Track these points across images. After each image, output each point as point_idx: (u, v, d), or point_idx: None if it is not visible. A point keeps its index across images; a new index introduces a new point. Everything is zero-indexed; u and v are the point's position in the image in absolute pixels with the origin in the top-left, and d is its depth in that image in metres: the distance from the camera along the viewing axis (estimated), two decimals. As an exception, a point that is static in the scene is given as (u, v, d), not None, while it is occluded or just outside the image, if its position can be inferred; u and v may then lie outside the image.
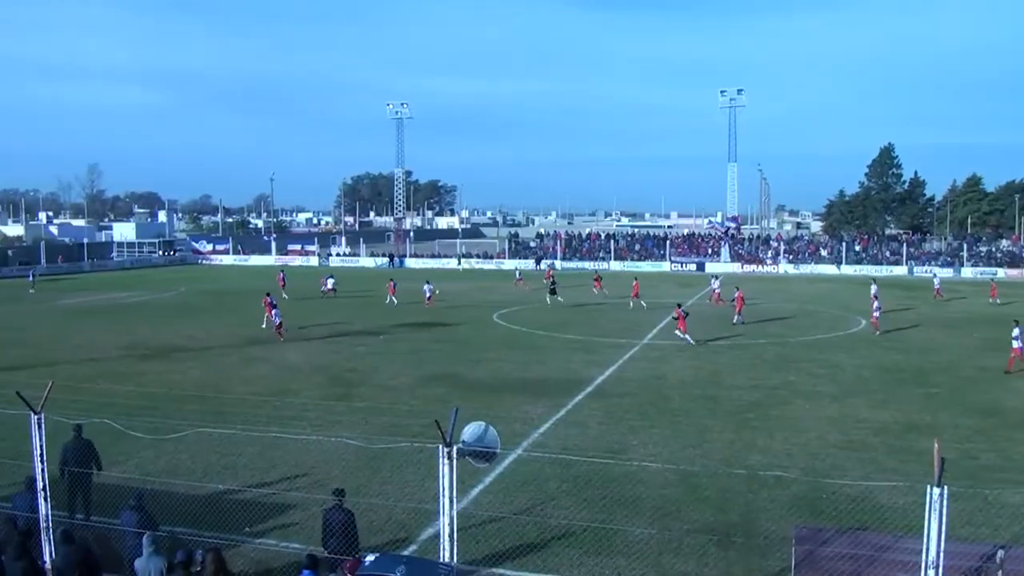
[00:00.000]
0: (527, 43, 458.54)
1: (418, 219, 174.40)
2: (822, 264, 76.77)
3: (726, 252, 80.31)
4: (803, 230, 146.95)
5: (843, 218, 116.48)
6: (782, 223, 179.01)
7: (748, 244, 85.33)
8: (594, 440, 18.16)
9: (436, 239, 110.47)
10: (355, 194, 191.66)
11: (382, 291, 47.16)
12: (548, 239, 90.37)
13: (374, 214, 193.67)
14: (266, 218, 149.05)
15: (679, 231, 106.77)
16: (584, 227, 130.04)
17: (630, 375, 25.81)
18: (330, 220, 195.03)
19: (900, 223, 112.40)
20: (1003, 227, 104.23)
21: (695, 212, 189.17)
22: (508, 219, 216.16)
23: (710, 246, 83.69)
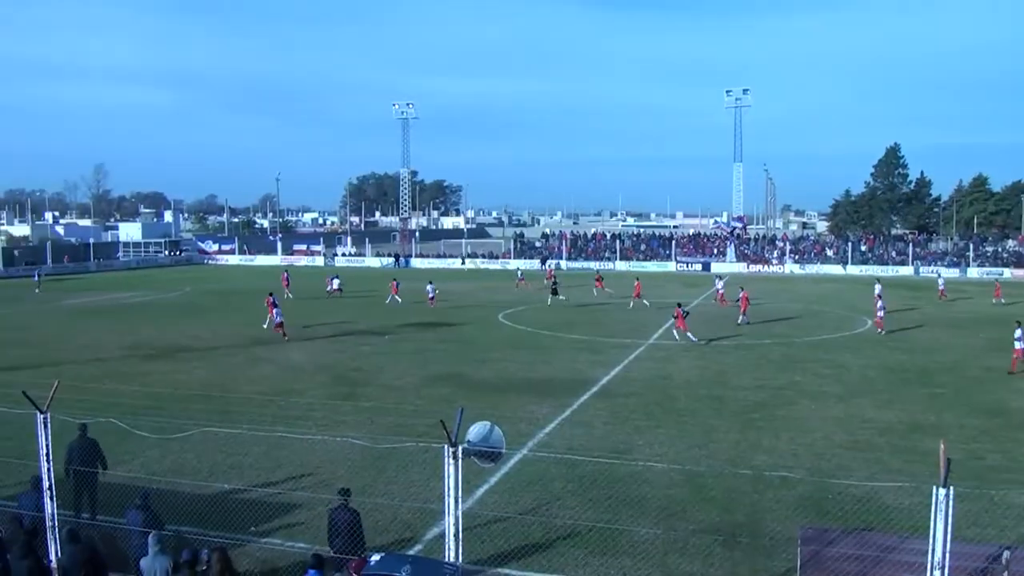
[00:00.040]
0: (528, 43, 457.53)
1: (424, 219, 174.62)
2: (828, 264, 76.65)
3: (732, 252, 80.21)
4: (809, 230, 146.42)
5: (849, 218, 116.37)
6: (788, 223, 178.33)
7: (754, 244, 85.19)
8: (599, 440, 18.15)
9: (442, 239, 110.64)
10: (360, 194, 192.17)
11: (386, 291, 47.21)
12: (553, 239, 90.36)
13: (380, 214, 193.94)
14: (272, 218, 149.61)
15: (685, 231, 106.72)
16: (589, 227, 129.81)
17: (636, 375, 25.79)
18: (336, 220, 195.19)
19: (906, 223, 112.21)
20: (1009, 227, 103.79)
21: (701, 212, 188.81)
22: (514, 219, 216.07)
23: (716, 246, 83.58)
